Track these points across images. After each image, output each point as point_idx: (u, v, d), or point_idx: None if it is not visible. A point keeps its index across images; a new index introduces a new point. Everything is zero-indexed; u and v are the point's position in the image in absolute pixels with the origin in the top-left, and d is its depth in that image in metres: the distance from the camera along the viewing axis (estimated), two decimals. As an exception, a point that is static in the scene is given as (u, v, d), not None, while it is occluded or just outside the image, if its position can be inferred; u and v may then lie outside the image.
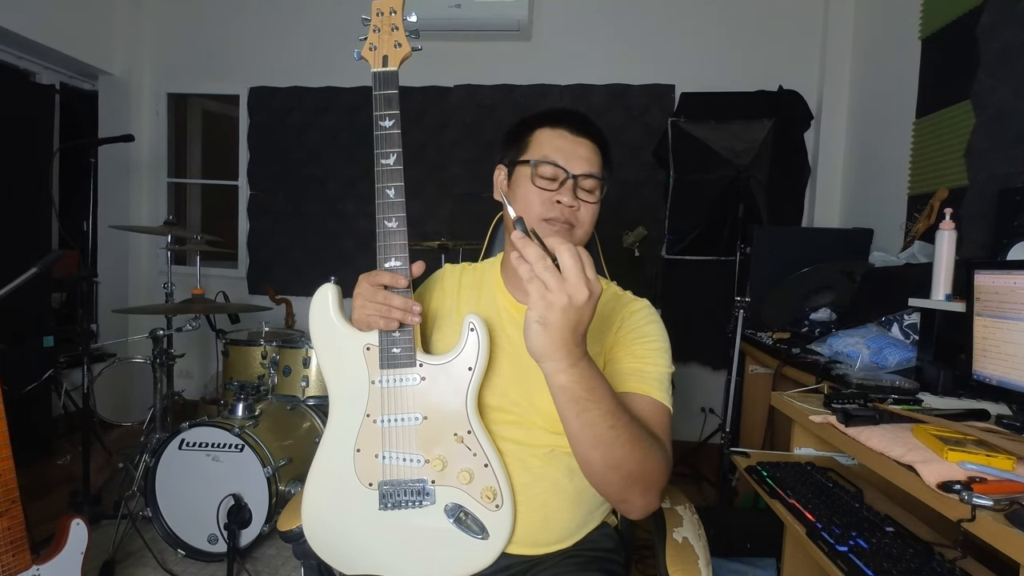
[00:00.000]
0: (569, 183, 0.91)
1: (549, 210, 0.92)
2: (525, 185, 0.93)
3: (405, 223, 0.86)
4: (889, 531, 1.04)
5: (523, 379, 0.92)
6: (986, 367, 1.10)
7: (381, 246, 0.86)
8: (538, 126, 0.96)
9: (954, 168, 2.01)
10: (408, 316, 0.83)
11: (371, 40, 0.90)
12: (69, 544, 1.42)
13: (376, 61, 0.90)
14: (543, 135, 0.95)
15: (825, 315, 1.98)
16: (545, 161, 0.92)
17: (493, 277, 1.03)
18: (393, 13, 0.90)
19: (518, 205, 0.93)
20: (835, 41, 3.00)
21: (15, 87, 2.80)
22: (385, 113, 0.88)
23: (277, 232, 3.62)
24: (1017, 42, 1.77)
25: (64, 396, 3.02)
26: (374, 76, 0.89)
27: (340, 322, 0.87)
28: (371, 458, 0.86)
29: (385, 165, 0.87)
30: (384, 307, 0.83)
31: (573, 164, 0.92)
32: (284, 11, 3.51)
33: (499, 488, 0.85)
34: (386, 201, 0.86)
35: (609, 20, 3.27)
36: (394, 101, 0.88)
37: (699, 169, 2.91)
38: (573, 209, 0.92)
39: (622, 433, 0.74)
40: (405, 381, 0.86)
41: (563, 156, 0.92)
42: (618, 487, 0.78)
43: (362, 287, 0.85)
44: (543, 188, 0.92)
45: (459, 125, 3.39)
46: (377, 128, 0.87)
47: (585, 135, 0.95)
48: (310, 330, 0.89)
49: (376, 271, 0.85)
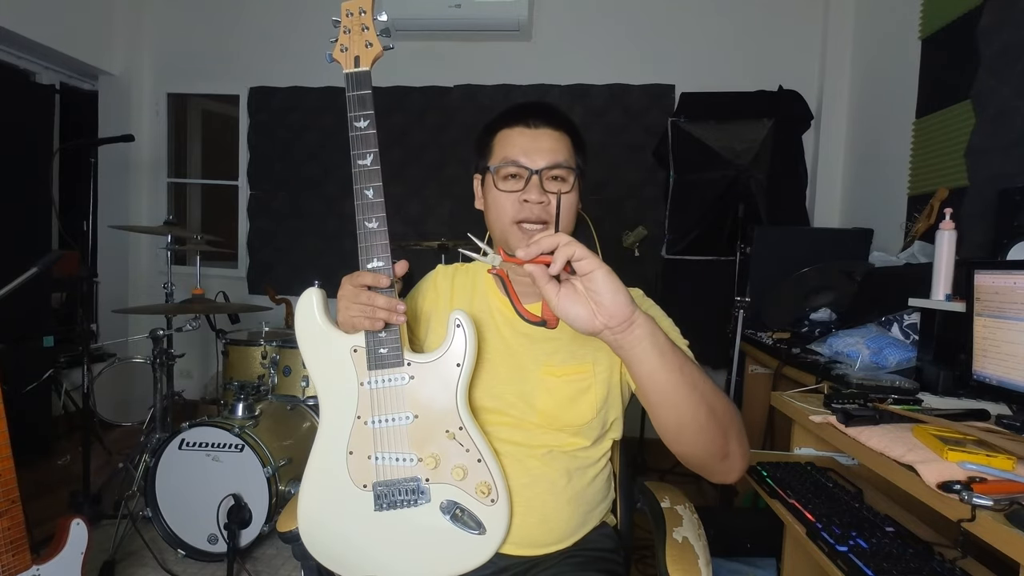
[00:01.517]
0: (535, 179, 0.89)
1: (520, 211, 0.90)
2: (493, 191, 0.93)
3: (385, 223, 0.85)
4: (889, 531, 1.04)
5: (519, 379, 0.92)
6: (986, 367, 1.10)
7: (363, 247, 0.85)
8: (498, 128, 0.95)
9: (954, 168, 2.01)
10: (393, 316, 0.82)
11: (342, 41, 0.89)
12: (69, 544, 1.42)
13: (348, 62, 0.89)
14: (503, 136, 0.94)
15: (825, 315, 1.98)
16: (504, 163, 0.91)
17: (486, 278, 1.02)
18: (363, 13, 0.89)
19: (493, 212, 0.94)
20: (835, 41, 3.00)
21: (15, 87, 2.80)
22: (360, 114, 0.87)
23: (277, 232, 3.62)
24: (1017, 42, 1.77)
25: (64, 396, 3.02)
26: (347, 77, 0.88)
27: (326, 326, 0.87)
28: (364, 460, 0.86)
29: (362, 166, 0.86)
30: (368, 307, 0.82)
31: (534, 159, 0.90)
32: (284, 11, 3.52)
33: (493, 483, 0.85)
34: (365, 202, 0.86)
35: (609, 20, 3.28)
36: (368, 101, 0.87)
37: (699, 169, 2.91)
38: (543, 205, 0.90)
39: (701, 373, 0.73)
40: (394, 381, 0.86)
41: (523, 153, 0.90)
42: (721, 438, 0.75)
43: (345, 289, 0.84)
44: (509, 191, 0.91)
45: (459, 125, 3.39)
46: (352, 129, 0.87)
47: (546, 125, 0.93)
48: (296, 336, 0.89)
49: (358, 272, 0.85)
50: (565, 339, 0.94)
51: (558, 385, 0.91)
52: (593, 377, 0.92)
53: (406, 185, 3.43)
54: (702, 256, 3.01)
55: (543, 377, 0.92)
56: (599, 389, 0.92)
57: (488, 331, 0.95)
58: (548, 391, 0.91)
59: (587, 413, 0.91)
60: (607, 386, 0.94)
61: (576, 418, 0.91)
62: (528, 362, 0.93)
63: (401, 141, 3.41)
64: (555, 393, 0.91)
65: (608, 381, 0.94)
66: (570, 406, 0.91)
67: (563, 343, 0.94)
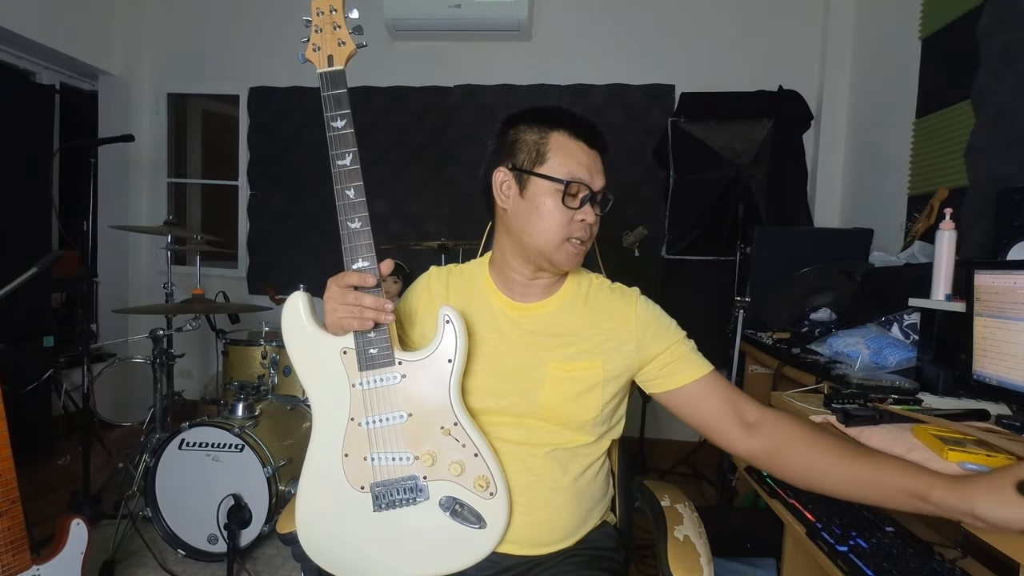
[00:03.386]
0: (590, 201, 0.90)
1: (575, 230, 0.90)
2: (547, 201, 0.89)
3: (368, 222, 0.85)
4: (889, 531, 1.04)
5: (522, 376, 0.92)
6: (986, 367, 1.10)
7: (347, 248, 0.85)
8: (551, 130, 0.91)
9: (954, 168, 2.01)
10: (381, 315, 0.82)
11: (314, 41, 0.89)
12: (69, 544, 1.42)
13: (321, 62, 0.88)
14: (563, 146, 0.90)
15: (825, 315, 1.98)
16: (576, 181, 0.89)
17: (483, 278, 1.01)
18: (334, 11, 0.89)
19: (540, 223, 0.90)
20: (835, 41, 3.00)
21: (15, 87, 2.80)
22: (336, 113, 0.86)
23: (277, 232, 3.62)
24: (1017, 42, 1.77)
25: (64, 396, 3.02)
26: (321, 77, 0.87)
27: (314, 329, 0.86)
28: (360, 461, 0.86)
29: (342, 166, 0.85)
30: (356, 308, 0.81)
31: (595, 179, 0.91)
32: (284, 11, 3.51)
33: (491, 476, 0.85)
34: (347, 202, 0.85)
35: (609, 20, 3.27)
36: (344, 100, 0.87)
37: (699, 169, 2.91)
38: (591, 225, 0.92)
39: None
40: (386, 381, 0.85)
41: (587, 171, 0.90)
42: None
43: (331, 291, 0.84)
44: (573, 208, 0.89)
45: (459, 125, 3.39)
46: (330, 130, 0.86)
47: (599, 148, 0.94)
48: (284, 340, 0.87)
49: (343, 273, 0.84)
50: (577, 334, 0.94)
51: (565, 380, 0.91)
52: (602, 374, 0.92)
53: (406, 185, 3.43)
54: (702, 256, 3.01)
55: (551, 372, 0.91)
56: (607, 386, 0.93)
57: (488, 331, 0.95)
58: (554, 386, 0.91)
59: (592, 409, 0.92)
60: (616, 384, 0.94)
61: (581, 413, 0.91)
62: (533, 359, 0.93)
63: (401, 141, 3.41)
64: (561, 388, 0.91)
65: (617, 379, 0.94)
66: (575, 401, 0.91)
67: (575, 337, 0.94)
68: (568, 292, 0.98)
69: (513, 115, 0.95)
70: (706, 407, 0.93)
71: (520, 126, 0.93)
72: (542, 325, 0.95)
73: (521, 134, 0.92)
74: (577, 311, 0.96)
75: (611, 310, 0.96)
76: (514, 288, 0.97)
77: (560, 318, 0.95)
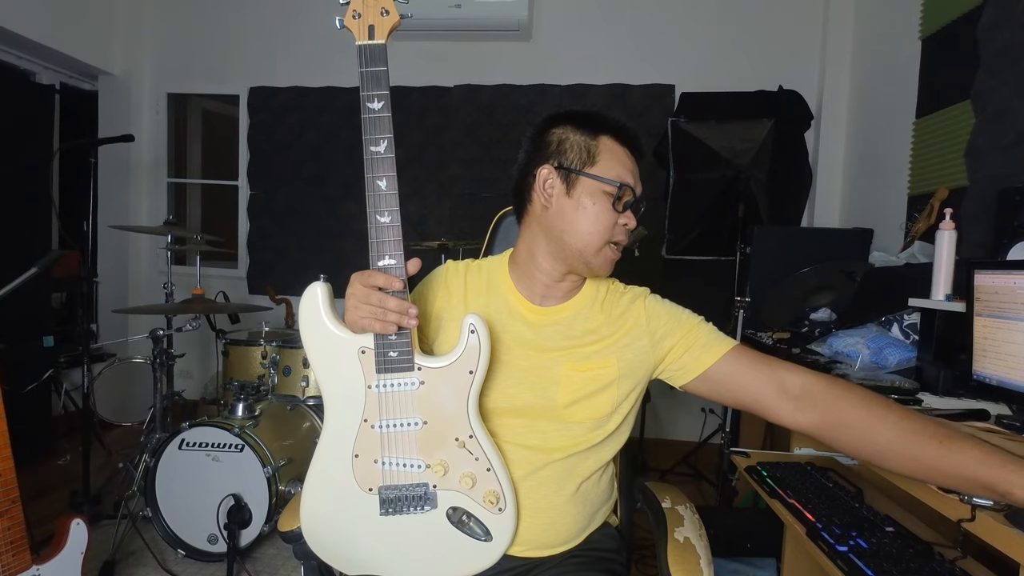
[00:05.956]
0: (632, 206, 0.91)
1: (617, 233, 0.91)
2: (594, 203, 0.89)
3: (399, 217, 0.78)
4: (889, 531, 1.04)
5: (538, 376, 0.91)
6: (986, 367, 1.10)
7: (374, 243, 0.79)
8: (601, 133, 0.90)
9: (954, 168, 2.01)
10: (405, 319, 0.78)
11: (354, 6, 0.78)
12: (69, 544, 1.42)
13: (361, 32, 0.78)
14: (612, 150, 0.90)
15: (825, 315, 1.98)
16: (624, 185, 0.89)
17: (501, 276, 0.99)
18: None
19: (584, 224, 0.89)
20: (835, 41, 3.00)
21: (15, 87, 2.80)
22: (373, 94, 0.77)
23: (277, 232, 3.62)
24: (1017, 42, 1.77)
25: (64, 396, 3.02)
26: (359, 50, 0.78)
27: (333, 323, 0.82)
28: (370, 463, 0.84)
29: (375, 153, 0.78)
30: (379, 310, 0.77)
31: (638, 187, 0.92)
32: (284, 11, 3.52)
33: (502, 491, 0.84)
34: (377, 194, 0.78)
35: (609, 20, 3.28)
36: (383, 80, 0.78)
37: (699, 169, 2.90)
38: (632, 230, 0.92)
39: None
40: (403, 386, 0.82)
41: (633, 178, 0.90)
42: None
43: (355, 288, 0.79)
44: (617, 210, 0.89)
45: (459, 125, 3.39)
46: (365, 111, 0.77)
47: (639, 155, 0.94)
48: (300, 331, 0.83)
49: (369, 271, 0.79)
50: (593, 336, 0.94)
51: (580, 379, 0.91)
52: (617, 372, 0.92)
53: (406, 185, 3.43)
54: (702, 256, 3.00)
55: (565, 372, 0.91)
56: (622, 383, 0.92)
57: (505, 331, 0.94)
58: (569, 385, 0.91)
59: (607, 406, 0.92)
60: (631, 380, 0.93)
61: (596, 410, 0.91)
62: (548, 360, 0.92)
63: (401, 141, 3.37)
64: (576, 386, 0.91)
65: (631, 375, 0.93)
66: (589, 399, 0.91)
67: (590, 338, 0.93)
68: (587, 297, 0.98)
69: (556, 115, 0.93)
70: (741, 384, 0.89)
71: (566, 126, 0.92)
72: (560, 328, 0.95)
73: (569, 134, 0.91)
74: (594, 316, 0.96)
75: (623, 311, 0.96)
76: (535, 289, 0.96)
77: (578, 323, 0.95)
